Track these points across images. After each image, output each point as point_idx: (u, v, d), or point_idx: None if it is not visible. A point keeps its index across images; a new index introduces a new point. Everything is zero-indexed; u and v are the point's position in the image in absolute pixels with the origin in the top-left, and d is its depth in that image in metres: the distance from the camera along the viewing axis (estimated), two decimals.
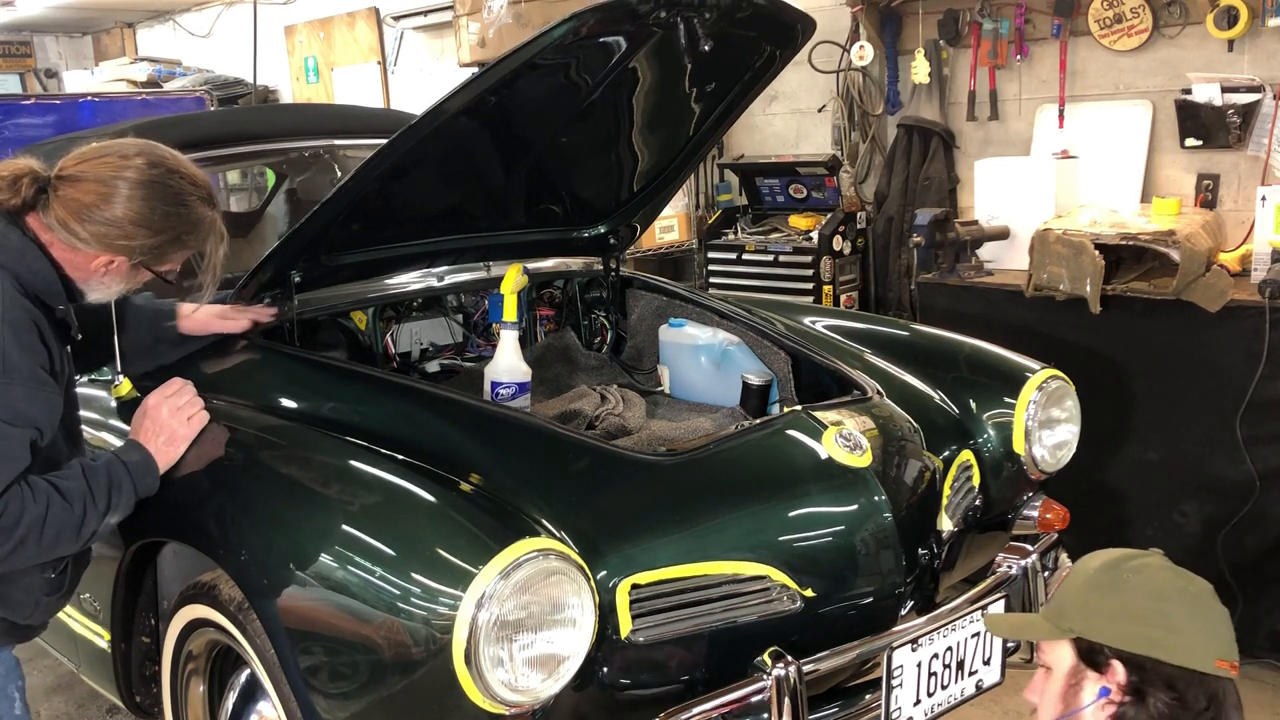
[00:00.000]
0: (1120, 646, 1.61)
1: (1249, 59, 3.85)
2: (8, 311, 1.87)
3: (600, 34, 2.46)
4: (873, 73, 4.97)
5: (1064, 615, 1.67)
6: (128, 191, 1.95)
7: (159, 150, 2.03)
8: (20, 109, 5.84)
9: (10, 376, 1.84)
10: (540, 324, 3.37)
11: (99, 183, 1.94)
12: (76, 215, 1.93)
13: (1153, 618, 1.60)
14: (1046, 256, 3.60)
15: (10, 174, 1.94)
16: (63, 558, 2.06)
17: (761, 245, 4.93)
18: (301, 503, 2.09)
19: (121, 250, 1.98)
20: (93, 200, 1.94)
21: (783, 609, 2.12)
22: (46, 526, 1.86)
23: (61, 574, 2.08)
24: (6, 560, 1.86)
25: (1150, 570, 1.67)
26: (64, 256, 1.98)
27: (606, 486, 2.22)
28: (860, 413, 2.43)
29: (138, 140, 2.04)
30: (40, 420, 1.89)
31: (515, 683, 1.83)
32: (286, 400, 2.44)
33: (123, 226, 1.95)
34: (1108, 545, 3.80)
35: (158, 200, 1.97)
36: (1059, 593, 1.73)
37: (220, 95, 7.87)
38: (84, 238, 1.95)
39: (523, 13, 5.36)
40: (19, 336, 1.87)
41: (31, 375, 1.88)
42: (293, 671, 1.99)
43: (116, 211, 1.94)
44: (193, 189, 2.03)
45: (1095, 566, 1.70)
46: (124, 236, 1.96)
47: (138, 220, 1.96)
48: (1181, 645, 1.59)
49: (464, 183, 2.87)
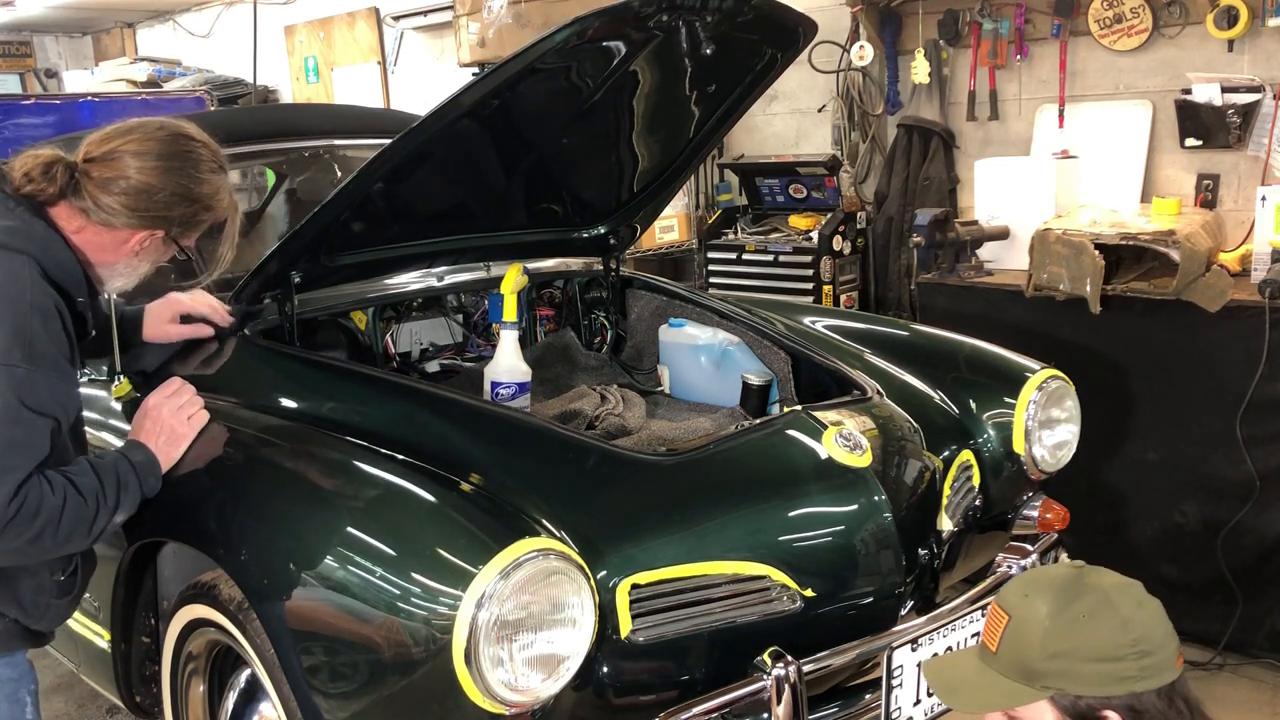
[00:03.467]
0: (1107, 694, 1.51)
1: (1249, 59, 3.85)
2: (36, 298, 1.87)
3: (602, 38, 2.46)
4: (873, 73, 4.97)
5: (1033, 674, 1.54)
6: (160, 163, 1.97)
7: (174, 120, 2.06)
8: (20, 109, 5.83)
9: (36, 363, 1.84)
10: (540, 324, 3.37)
11: (133, 157, 1.96)
12: (113, 192, 1.95)
13: (1126, 651, 1.51)
14: (1046, 256, 3.60)
15: (42, 163, 1.95)
16: (73, 559, 2.06)
17: (761, 245, 4.94)
18: (302, 503, 2.09)
19: (158, 223, 2.00)
20: (129, 175, 1.95)
21: (783, 609, 2.12)
22: (63, 520, 1.86)
23: (71, 576, 2.08)
24: (22, 552, 1.86)
25: (1099, 597, 1.57)
26: (94, 241, 1.99)
27: (606, 486, 2.22)
28: (860, 413, 2.43)
29: (151, 117, 2.06)
30: (60, 411, 1.90)
31: (515, 683, 1.84)
32: (286, 400, 2.44)
33: (160, 196, 1.97)
34: (1108, 545, 3.81)
35: (190, 168, 2.00)
36: (1012, 645, 1.57)
37: (220, 95, 7.87)
38: (122, 215, 1.96)
39: (523, 13, 5.36)
40: (46, 324, 1.88)
41: (55, 364, 1.88)
42: (293, 671, 1.99)
43: (152, 181, 1.96)
44: (210, 155, 2.06)
45: (1045, 613, 1.56)
46: (163, 207, 1.98)
47: (175, 190, 1.98)
48: (1157, 666, 1.53)
49: (465, 183, 2.87)
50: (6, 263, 1.87)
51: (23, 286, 1.86)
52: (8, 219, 1.91)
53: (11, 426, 1.81)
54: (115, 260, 2.03)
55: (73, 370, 1.96)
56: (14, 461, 1.80)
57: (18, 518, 1.79)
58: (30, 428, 1.83)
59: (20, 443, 1.82)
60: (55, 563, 2.02)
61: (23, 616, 2.02)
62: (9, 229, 1.90)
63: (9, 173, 1.96)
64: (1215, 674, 3.42)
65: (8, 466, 1.79)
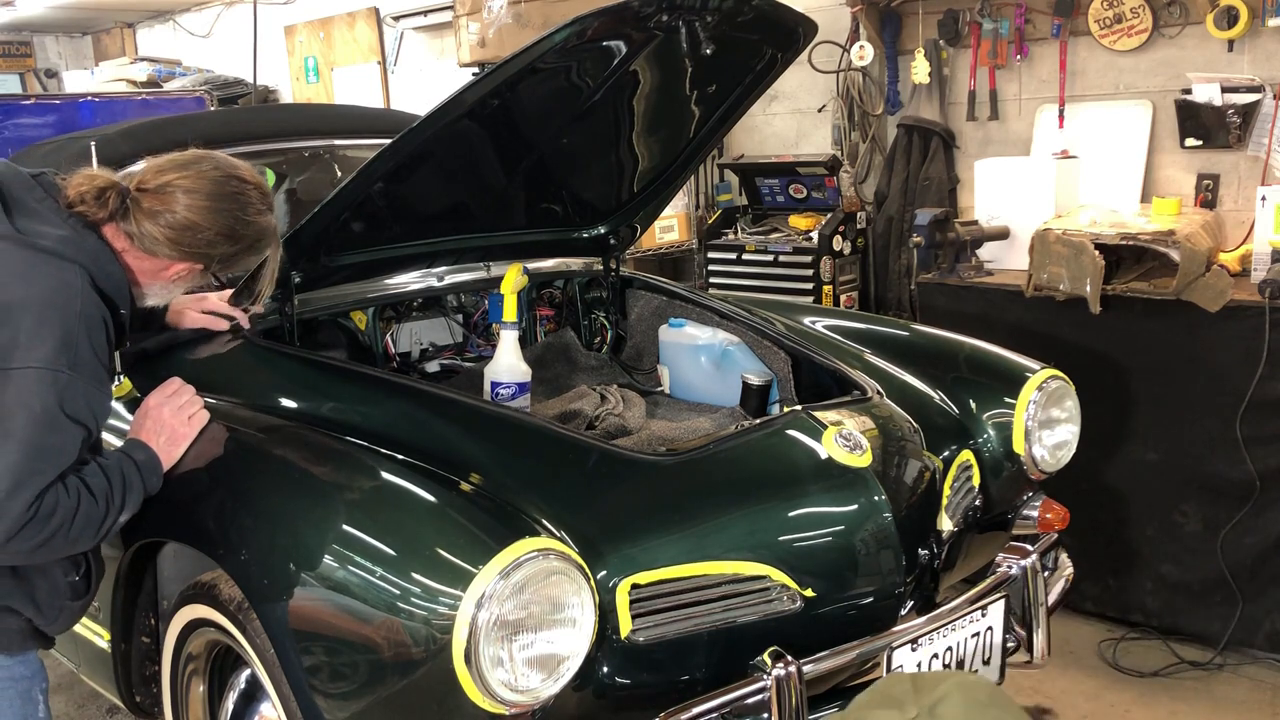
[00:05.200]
0: None
1: (1249, 59, 3.85)
2: (85, 307, 1.91)
3: (602, 38, 2.46)
4: (873, 73, 4.97)
5: None
6: (210, 203, 2.01)
7: (229, 160, 2.09)
8: (20, 109, 5.82)
9: (78, 371, 1.87)
10: (540, 324, 3.37)
11: (185, 194, 2.00)
12: (160, 224, 1.99)
13: None
14: (1046, 256, 3.60)
15: (96, 187, 1.99)
16: (85, 561, 2.08)
17: (761, 245, 4.94)
18: (302, 502, 2.09)
19: (200, 258, 2.05)
20: (177, 210, 1.99)
21: (783, 609, 2.12)
22: (75, 520, 1.88)
23: (84, 578, 2.09)
24: (34, 553, 1.88)
25: None
26: (135, 263, 2.04)
27: (606, 486, 2.22)
28: (860, 413, 2.43)
29: (209, 151, 2.10)
30: (93, 421, 1.93)
31: (515, 683, 1.84)
32: (286, 400, 2.44)
33: (204, 235, 2.01)
34: (1108, 545, 3.81)
35: (238, 210, 2.04)
36: None
37: (220, 95, 7.87)
38: (165, 246, 2.00)
39: (523, 13, 5.36)
40: (92, 334, 1.91)
41: (94, 374, 1.92)
42: (293, 671, 1.99)
43: (199, 220, 2.00)
44: (260, 198, 2.09)
45: None
46: (206, 245, 2.02)
47: (221, 230, 2.02)
48: None
49: (465, 183, 2.87)
50: (60, 272, 1.91)
51: (72, 295, 1.90)
52: (61, 229, 1.95)
53: (48, 432, 1.84)
54: (154, 283, 2.09)
55: (110, 381, 2.00)
56: (43, 466, 1.83)
57: (33, 521, 1.81)
58: (65, 435, 1.86)
59: (53, 449, 1.85)
60: (67, 564, 2.03)
61: (37, 617, 2.03)
62: (63, 239, 1.94)
63: (64, 188, 2.00)
64: (1215, 674, 3.42)
65: (36, 471, 1.82)
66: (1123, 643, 3.57)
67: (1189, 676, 3.42)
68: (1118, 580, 3.64)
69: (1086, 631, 3.66)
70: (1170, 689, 3.37)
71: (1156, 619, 3.60)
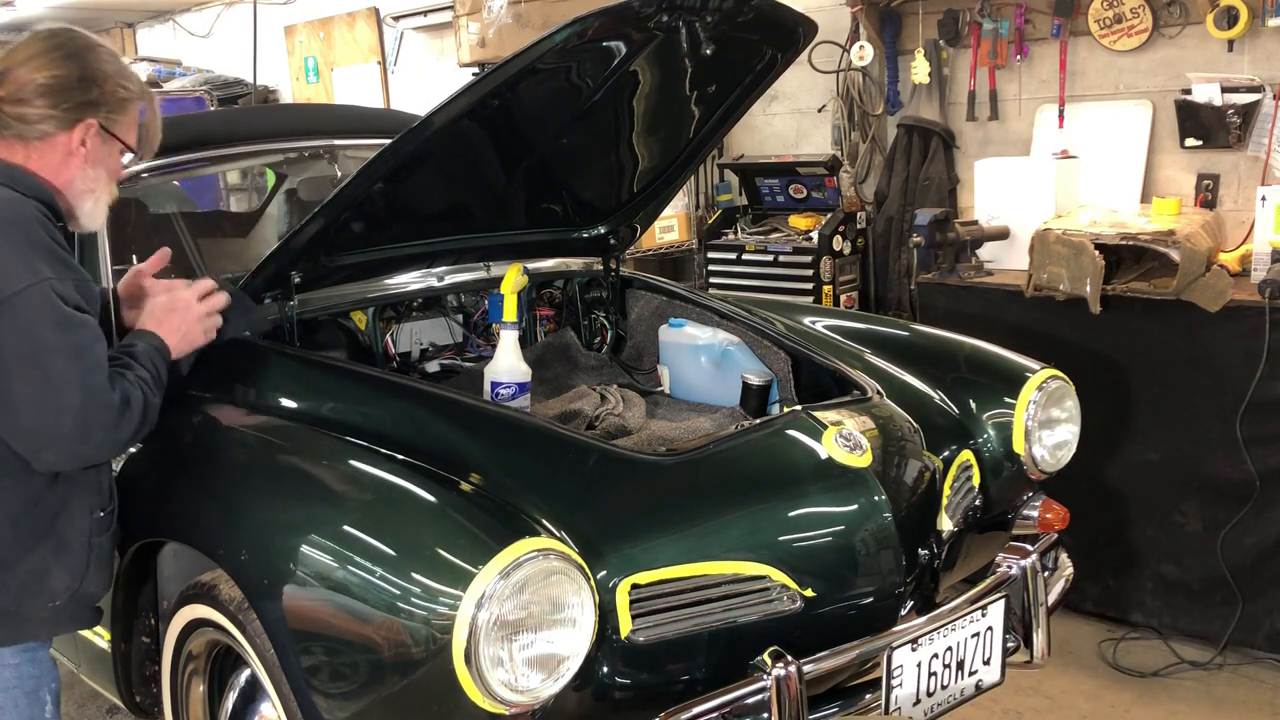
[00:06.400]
0: None
1: (1249, 59, 3.85)
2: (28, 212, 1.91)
3: (602, 38, 2.46)
4: (873, 73, 4.97)
5: None
6: (54, 54, 2.00)
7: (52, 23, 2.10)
8: None
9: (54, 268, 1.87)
10: (540, 324, 3.37)
11: (24, 64, 1.98)
12: (27, 102, 1.97)
13: None
14: (1046, 256, 3.60)
15: None
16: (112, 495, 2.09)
17: (761, 245, 4.94)
18: (301, 502, 2.09)
19: (84, 109, 2.00)
20: (34, 78, 1.97)
21: (783, 609, 2.12)
22: (148, 407, 1.96)
23: (110, 514, 2.09)
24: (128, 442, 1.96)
25: None
26: (41, 162, 1.99)
27: (606, 486, 2.22)
28: (860, 413, 2.43)
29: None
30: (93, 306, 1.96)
31: (515, 683, 1.84)
32: (286, 400, 2.44)
33: (69, 82, 1.99)
34: (1108, 545, 3.81)
35: (84, 51, 2.04)
36: None
37: (220, 95, 7.88)
38: (42, 123, 1.98)
39: (523, 13, 5.36)
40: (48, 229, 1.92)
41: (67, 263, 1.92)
42: (293, 671, 1.99)
43: (57, 72, 1.98)
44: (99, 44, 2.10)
45: None
46: (78, 93, 1.99)
47: (81, 73, 2.00)
48: None
49: (465, 183, 2.87)
50: None
51: (15, 207, 1.90)
52: None
53: (69, 332, 1.86)
54: (71, 175, 2.03)
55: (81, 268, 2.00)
56: (92, 364, 1.87)
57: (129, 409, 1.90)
58: (87, 326, 1.90)
59: (86, 344, 1.88)
60: (94, 499, 2.04)
61: (67, 572, 2.00)
62: None
63: None
64: (1215, 674, 3.43)
65: (92, 366, 1.87)
66: (1123, 643, 3.58)
67: (1189, 676, 3.43)
68: (1118, 580, 3.64)
69: (1086, 631, 3.66)
70: (1170, 689, 3.37)
71: (1156, 619, 3.60)
